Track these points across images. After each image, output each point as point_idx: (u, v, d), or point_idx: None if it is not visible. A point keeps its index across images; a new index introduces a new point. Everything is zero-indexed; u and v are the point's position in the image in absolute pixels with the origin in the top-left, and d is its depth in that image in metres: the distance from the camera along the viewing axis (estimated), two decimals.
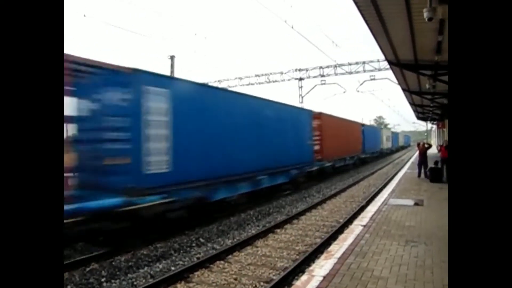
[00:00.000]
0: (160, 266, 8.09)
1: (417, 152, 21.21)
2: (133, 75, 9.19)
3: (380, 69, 34.78)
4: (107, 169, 9.05)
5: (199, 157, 11.05)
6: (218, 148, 12.02)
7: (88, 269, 7.85)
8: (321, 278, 5.32)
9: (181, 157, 10.12)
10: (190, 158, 10.64)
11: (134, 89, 9.17)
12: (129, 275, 7.60)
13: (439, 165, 17.96)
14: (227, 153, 12.48)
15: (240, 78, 40.94)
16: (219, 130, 12.19)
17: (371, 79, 37.58)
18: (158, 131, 9.62)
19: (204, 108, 11.53)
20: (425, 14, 7.18)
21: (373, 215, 9.68)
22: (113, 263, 8.22)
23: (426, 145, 20.91)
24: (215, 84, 38.30)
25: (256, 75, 40.60)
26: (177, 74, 27.03)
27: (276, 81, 40.47)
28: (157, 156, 9.52)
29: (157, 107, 9.63)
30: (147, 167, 9.20)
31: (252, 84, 40.79)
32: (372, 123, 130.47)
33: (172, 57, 30.29)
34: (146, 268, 8.01)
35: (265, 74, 40.49)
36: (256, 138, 14.70)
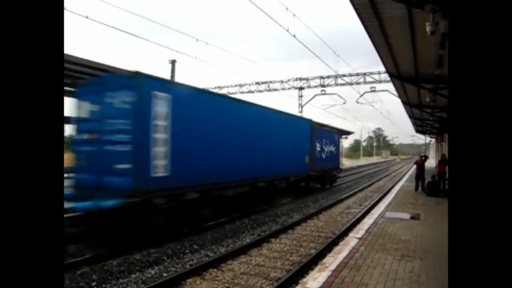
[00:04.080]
0: (152, 272, 8.00)
1: (415, 166, 21.11)
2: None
3: (380, 81, 34.83)
4: None
5: None
6: None
7: (79, 272, 7.76)
8: None
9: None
10: None
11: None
12: (121, 280, 7.51)
13: (437, 179, 17.94)
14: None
15: (241, 85, 40.90)
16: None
17: (371, 91, 37.63)
18: None
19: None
20: (428, 28, 7.17)
21: (369, 227, 9.62)
22: (105, 267, 8.13)
23: (423, 157, 20.84)
24: (216, 91, 38.16)
25: (257, 83, 40.57)
26: (177, 79, 26.97)
27: (276, 89, 40.45)
28: None
29: None
30: None
31: (252, 91, 40.77)
32: (371, 135, 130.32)
33: (173, 62, 30.28)
34: (138, 273, 7.92)
35: (265, 82, 40.46)
36: None
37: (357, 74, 35.86)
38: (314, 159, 21.76)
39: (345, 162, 65.50)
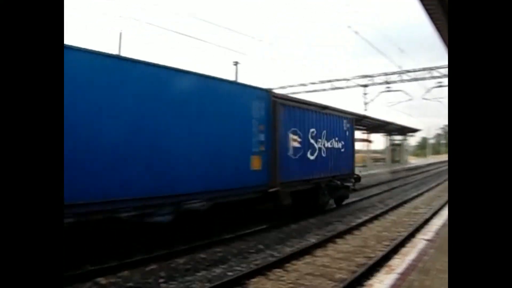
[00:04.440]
0: (218, 271, 8.12)
1: None
2: None
3: (447, 76, 33.40)
4: None
5: None
6: None
7: (147, 269, 8.03)
8: None
9: None
10: None
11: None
12: (187, 278, 7.68)
13: None
14: None
15: (304, 85, 40.68)
16: None
17: (438, 86, 36.15)
18: None
19: None
20: None
21: (439, 229, 9.22)
22: (172, 265, 8.36)
23: None
24: (279, 91, 38.07)
25: (321, 82, 40.19)
26: (241, 80, 27.29)
27: (340, 87, 39.90)
28: None
29: None
30: None
31: (317, 90, 40.42)
32: (440, 132, 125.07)
33: (236, 63, 30.76)
34: (203, 271, 8.07)
35: (329, 81, 40.00)
36: None
37: (423, 69, 34.61)
38: (283, 162, 12.38)
39: (412, 161, 63.51)
